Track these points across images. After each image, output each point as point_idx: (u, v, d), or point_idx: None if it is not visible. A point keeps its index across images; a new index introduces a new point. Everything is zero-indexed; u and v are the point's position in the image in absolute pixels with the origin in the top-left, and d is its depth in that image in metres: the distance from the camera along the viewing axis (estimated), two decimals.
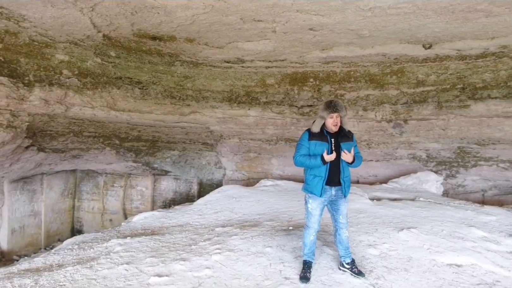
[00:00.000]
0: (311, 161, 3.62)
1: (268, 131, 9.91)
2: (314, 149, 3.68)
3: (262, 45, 7.78)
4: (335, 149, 3.67)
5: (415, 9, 5.83)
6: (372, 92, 8.84)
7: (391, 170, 9.67)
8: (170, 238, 5.28)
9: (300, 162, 3.72)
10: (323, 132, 3.72)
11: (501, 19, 6.12)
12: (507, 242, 4.99)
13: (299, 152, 3.74)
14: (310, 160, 3.63)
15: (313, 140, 3.70)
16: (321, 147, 3.65)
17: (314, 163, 3.61)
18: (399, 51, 7.84)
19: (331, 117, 3.63)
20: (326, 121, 3.66)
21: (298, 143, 3.83)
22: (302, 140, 3.79)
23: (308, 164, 3.66)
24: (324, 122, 3.69)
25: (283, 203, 6.82)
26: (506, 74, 7.68)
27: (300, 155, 3.72)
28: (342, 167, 3.72)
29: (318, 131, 3.70)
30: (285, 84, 9.30)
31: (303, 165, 3.72)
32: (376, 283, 3.69)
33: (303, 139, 3.78)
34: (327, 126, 3.70)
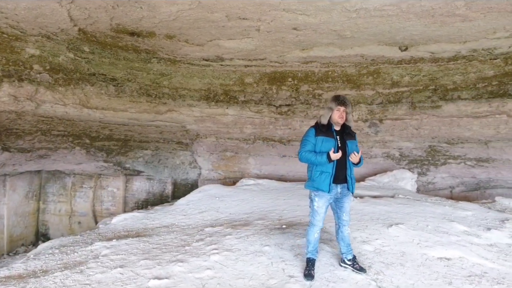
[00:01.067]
0: (317, 158, 3.63)
1: (246, 130, 9.88)
2: (320, 146, 3.68)
3: (244, 43, 7.74)
4: (340, 146, 3.71)
5: (398, 12, 6.02)
6: (349, 92, 9.02)
7: (366, 168, 9.92)
8: (160, 240, 5.13)
9: (306, 158, 3.71)
10: (330, 128, 3.74)
11: (475, 23, 6.44)
12: (487, 235, 5.26)
13: (305, 148, 3.73)
14: (316, 157, 3.64)
15: (320, 136, 3.71)
16: (327, 143, 3.67)
17: (320, 160, 3.62)
18: (376, 52, 8.06)
19: (338, 110, 3.67)
20: (333, 113, 3.69)
21: (303, 139, 3.82)
22: (308, 135, 3.78)
23: (313, 160, 3.66)
24: (331, 115, 3.71)
25: (269, 202, 6.83)
26: (475, 76, 8.09)
27: (306, 151, 3.71)
28: (349, 165, 3.77)
29: (326, 122, 3.72)
30: (264, 83, 9.30)
31: (309, 161, 3.71)
32: (376, 278, 3.77)
33: (309, 135, 3.77)
34: (333, 119, 3.72)
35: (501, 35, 6.89)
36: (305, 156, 3.70)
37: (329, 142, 3.68)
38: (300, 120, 9.43)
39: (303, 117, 9.41)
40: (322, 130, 3.73)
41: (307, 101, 9.29)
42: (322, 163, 3.63)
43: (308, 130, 3.85)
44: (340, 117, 3.70)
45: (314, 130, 3.78)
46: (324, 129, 3.73)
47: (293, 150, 10.07)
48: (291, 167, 10.32)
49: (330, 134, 3.72)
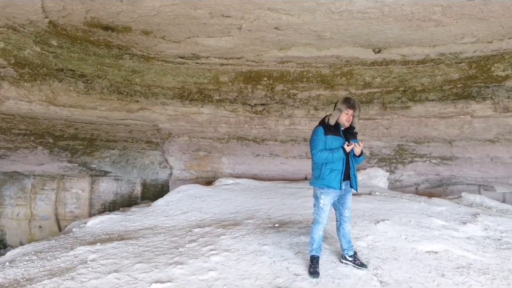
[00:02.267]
0: (334, 155, 3.68)
1: (221, 130, 9.78)
2: (330, 144, 3.74)
3: (224, 41, 7.66)
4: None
5: (380, 15, 6.22)
6: (323, 92, 9.21)
7: None
8: (148, 242, 4.96)
9: (323, 158, 3.72)
10: (338, 127, 3.81)
11: (447, 29, 6.79)
12: (463, 229, 5.56)
13: (318, 147, 3.75)
14: (333, 154, 3.69)
15: (329, 135, 3.77)
16: (336, 141, 3.75)
17: (337, 156, 3.68)
18: (351, 54, 8.27)
19: (346, 112, 3.73)
20: (341, 115, 3.75)
21: (314, 139, 3.83)
22: (318, 135, 3.80)
23: (331, 158, 3.69)
24: (339, 116, 3.77)
25: (253, 201, 6.80)
26: (441, 79, 8.53)
27: (320, 151, 3.73)
28: (352, 163, 3.86)
29: (333, 123, 3.77)
30: (239, 82, 9.26)
31: (326, 159, 3.72)
32: (376, 273, 3.88)
33: (319, 135, 3.80)
34: (340, 120, 3.78)
35: (468, 40, 7.31)
36: (322, 156, 3.72)
37: (338, 140, 3.77)
38: (275, 119, 9.49)
39: (278, 116, 9.47)
40: (331, 129, 3.79)
41: (282, 100, 9.36)
42: (339, 157, 3.70)
43: (316, 130, 3.87)
44: (347, 120, 3.78)
45: (322, 129, 3.81)
46: (332, 128, 3.79)
47: (267, 149, 10.12)
48: (265, 166, 10.36)
49: (338, 134, 3.80)
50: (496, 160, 8.99)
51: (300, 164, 10.22)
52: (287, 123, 9.50)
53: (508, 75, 7.80)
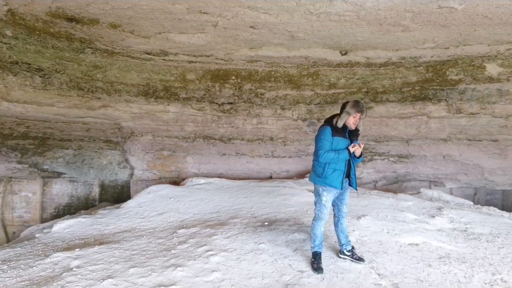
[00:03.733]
0: (340, 155, 3.78)
1: (187, 128, 9.57)
2: (336, 145, 3.85)
3: (196, 38, 7.50)
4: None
5: (355, 18, 6.44)
6: (290, 92, 9.35)
7: (302, 166, 10.38)
8: (133, 245, 4.74)
9: (329, 158, 3.80)
10: (345, 129, 3.90)
11: (412, 34, 7.20)
12: (433, 222, 5.95)
13: (325, 148, 3.82)
14: (338, 155, 3.78)
15: (337, 136, 3.87)
16: (343, 142, 3.87)
17: (342, 157, 3.80)
18: (320, 55, 8.47)
19: (354, 116, 3.84)
20: (349, 118, 3.84)
21: (321, 139, 3.89)
22: (326, 135, 3.87)
23: (336, 158, 3.79)
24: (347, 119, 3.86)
25: (231, 200, 6.74)
26: (401, 81, 9.03)
27: (327, 151, 3.81)
28: (353, 163, 3.99)
29: (341, 125, 3.85)
30: (206, 81, 9.12)
31: (332, 160, 3.81)
32: (372, 267, 4.03)
33: (326, 135, 3.86)
34: (347, 123, 3.88)
35: (428, 45, 7.80)
36: (328, 156, 3.80)
37: (344, 142, 3.90)
38: (243, 118, 9.48)
39: (246, 115, 9.47)
40: (338, 131, 3.89)
41: (250, 99, 9.37)
42: (344, 158, 3.82)
43: (323, 129, 3.94)
44: (354, 123, 3.91)
45: (330, 130, 3.88)
46: (339, 130, 3.89)
47: (233, 149, 10.08)
48: (230, 165, 10.31)
49: (344, 135, 3.91)
50: (448, 158, 9.70)
51: (265, 163, 10.30)
52: (254, 122, 9.53)
53: (461, 79, 8.44)
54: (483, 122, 8.72)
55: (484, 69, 8.16)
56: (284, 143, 10.10)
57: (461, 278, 4.01)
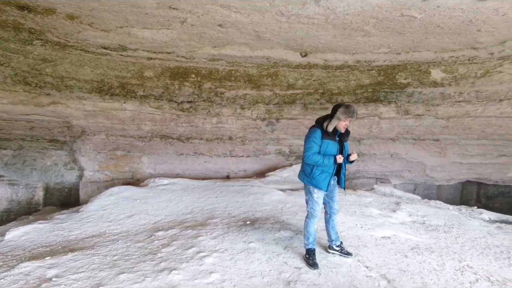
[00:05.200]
0: (325, 161, 3.86)
1: (144, 127, 9.21)
2: (326, 148, 3.91)
3: (161, 34, 7.26)
4: (339, 147, 4.03)
5: (323, 22, 6.65)
6: (250, 92, 9.41)
7: (259, 165, 10.49)
8: (111, 251, 4.49)
9: (315, 161, 3.87)
10: (335, 132, 3.98)
11: (371, 39, 7.61)
12: (395, 216, 6.36)
13: (312, 150, 3.89)
14: (323, 160, 3.85)
15: (326, 139, 3.92)
16: (333, 146, 3.95)
17: (327, 163, 3.86)
18: (281, 56, 8.62)
19: (345, 121, 3.91)
20: (340, 122, 3.92)
21: (310, 141, 3.93)
22: (315, 138, 3.91)
23: (321, 163, 3.87)
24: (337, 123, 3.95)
25: (202, 200, 6.61)
26: (355, 83, 9.50)
27: (314, 154, 3.88)
28: (343, 164, 4.11)
29: (331, 130, 3.93)
30: (165, 78, 8.85)
31: (317, 163, 3.88)
32: (359, 260, 4.23)
33: (316, 137, 3.91)
34: (338, 127, 3.95)
35: (383, 50, 8.30)
36: (314, 159, 3.87)
37: (333, 145, 3.97)
38: (203, 117, 9.35)
39: (206, 114, 9.35)
40: (329, 134, 3.95)
41: (210, 98, 9.27)
42: (329, 165, 3.88)
43: (313, 131, 3.98)
44: (344, 127, 3.99)
45: (320, 133, 3.94)
46: (330, 133, 3.95)
47: (191, 148, 9.90)
48: (188, 165, 10.11)
49: (334, 139, 3.99)
50: (395, 156, 10.39)
51: (223, 163, 10.26)
52: (214, 121, 9.45)
53: (409, 83, 9.09)
54: (427, 123, 9.47)
55: (429, 74, 8.86)
56: (243, 143, 10.14)
57: (435, 266, 4.34)
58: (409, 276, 3.97)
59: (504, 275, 4.26)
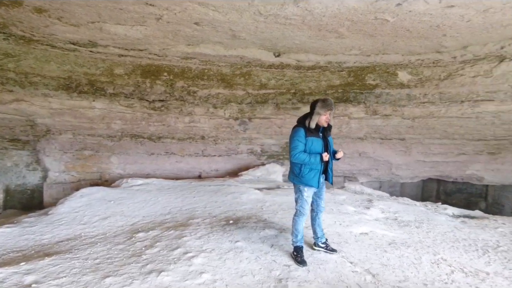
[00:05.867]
0: (311, 159, 3.91)
1: (114, 126, 8.92)
2: (311, 146, 3.97)
3: (134, 31, 7.07)
4: (323, 142, 4.09)
5: (300, 23, 6.74)
6: (223, 91, 9.37)
7: (231, 164, 10.47)
8: (91, 254, 4.33)
9: (301, 159, 3.92)
10: (318, 128, 4.05)
11: (344, 41, 7.80)
12: (370, 213, 6.57)
13: (298, 148, 3.93)
14: (310, 158, 3.91)
15: (310, 136, 3.99)
16: (317, 143, 4.01)
17: (313, 161, 3.92)
18: (255, 56, 8.65)
19: (325, 114, 3.99)
20: (320, 117, 4.00)
21: (294, 140, 3.98)
22: (300, 137, 3.97)
23: (308, 161, 3.92)
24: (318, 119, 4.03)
25: (178, 201, 6.50)
26: (325, 84, 9.70)
27: (300, 152, 3.93)
28: (330, 158, 4.18)
29: (314, 126, 3.99)
30: (136, 76, 8.63)
31: (303, 161, 3.93)
32: (343, 256, 4.34)
33: (300, 136, 3.97)
34: (319, 122, 4.03)
35: (354, 52, 8.54)
36: (301, 157, 3.93)
37: (318, 142, 4.04)
38: (175, 116, 9.20)
39: (178, 113, 9.21)
40: (312, 131, 4.01)
41: (182, 97, 9.14)
42: (315, 163, 3.94)
43: (297, 130, 4.04)
44: (326, 121, 4.07)
45: (304, 131, 4.00)
46: (313, 130, 4.02)
47: (163, 148, 9.71)
48: (159, 165, 9.92)
49: (318, 135, 4.06)
50: (363, 155, 10.72)
51: (195, 162, 10.15)
52: (187, 120, 9.33)
53: (377, 84, 9.41)
54: (394, 123, 9.85)
55: (397, 76, 9.21)
56: (215, 142, 10.08)
57: (413, 260, 4.53)
58: (391, 270, 4.12)
59: (476, 266, 4.52)
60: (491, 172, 10.73)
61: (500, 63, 7.93)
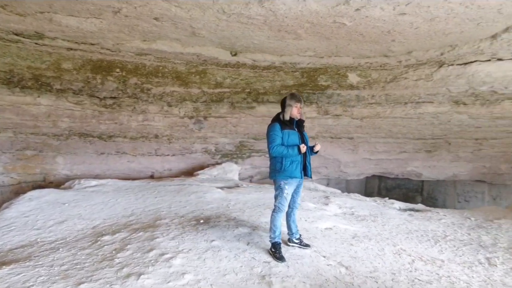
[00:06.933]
0: (289, 151, 4.00)
1: (61, 124, 8.35)
2: (287, 138, 4.07)
3: (89, 24, 6.69)
4: (300, 136, 4.23)
5: (261, 23, 6.81)
6: (177, 89, 9.19)
7: (185, 163, 10.29)
8: (56, 260, 4.05)
9: (279, 152, 4.00)
10: (292, 121, 4.16)
11: (301, 42, 8.01)
12: (329, 209, 6.84)
13: (276, 142, 4.01)
14: (288, 150, 4.00)
15: (286, 129, 4.11)
16: (293, 136, 4.13)
17: (292, 153, 4.01)
18: (212, 54, 8.59)
19: (296, 106, 4.16)
20: (292, 109, 4.13)
21: (271, 134, 4.06)
22: (276, 131, 4.06)
23: (286, 153, 4.01)
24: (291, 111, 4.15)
25: (140, 201, 6.25)
26: (279, 84, 9.90)
27: (278, 145, 4.01)
28: (308, 154, 4.30)
29: (288, 118, 4.11)
30: (86, 71, 8.17)
31: (281, 154, 4.02)
32: (315, 250, 4.48)
33: (276, 130, 4.06)
34: (292, 114, 4.19)
35: (309, 54, 8.80)
36: (278, 150, 4.01)
37: (294, 134, 4.16)
38: (128, 114, 8.85)
39: (131, 111, 8.87)
40: (286, 124, 4.13)
41: (135, 95, 8.82)
42: (294, 155, 4.04)
43: (273, 125, 4.15)
44: (298, 113, 4.22)
45: (279, 125, 4.10)
46: (287, 123, 4.14)
47: (114, 147, 9.29)
48: (109, 165, 9.47)
49: (292, 127, 4.18)
50: None
51: (148, 162, 9.85)
52: (140, 119, 9.01)
53: (329, 85, 9.79)
54: (344, 123, 10.31)
55: (347, 77, 9.66)
56: (170, 141, 9.84)
57: (377, 251, 4.80)
58: (361, 262, 4.34)
59: (431, 255, 4.90)
60: (428, 169, 11.64)
61: (439, 68, 8.62)
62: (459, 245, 5.33)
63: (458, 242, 5.46)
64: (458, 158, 11.35)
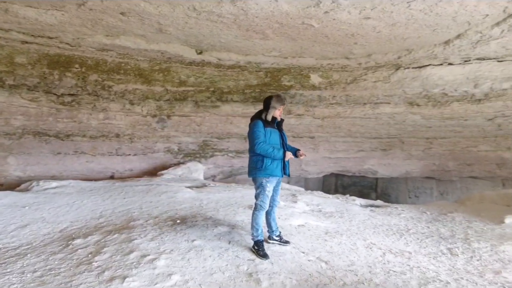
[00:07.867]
0: (274, 153, 4.08)
1: (14, 122, 7.80)
2: (269, 136, 4.17)
3: (49, 16, 6.32)
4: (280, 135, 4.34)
5: (231, 22, 6.80)
6: (140, 86, 8.93)
7: (146, 163, 10.02)
8: (25, 266, 3.82)
9: (264, 150, 4.04)
10: (273, 120, 4.27)
11: (268, 42, 8.10)
12: (297, 206, 6.99)
13: (260, 138, 4.07)
14: (273, 152, 4.08)
15: (268, 127, 4.23)
16: (274, 134, 4.27)
17: (277, 155, 4.11)
18: (177, 52, 8.44)
19: (279, 109, 4.32)
20: (275, 111, 4.29)
21: (255, 131, 4.12)
22: (259, 128, 4.13)
23: (270, 153, 4.07)
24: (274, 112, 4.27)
25: (108, 202, 5.99)
26: (243, 83, 9.93)
27: (263, 142, 4.07)
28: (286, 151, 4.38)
29: (270, 119, 4.25)
30: (42, 67, 7.71)
31: (266, 152, 4.06)
32: (294, 247, 4.58)
33: (259, 127, 4.13)
34: (275, 115, 4.35)
35: (274, 54, 8.91)
36: (263, 147, 4.06)
37: (275, 133, 4.29)
38: (88, 112, 8.46)
39: (91, 109, 8.49)
40: (269, 123, 4.22)
41: (96, 92, 8.46)
42: (277, 158, 4.13)
43: (256, 123, 4.22)
44: (280, 115, 4.39)
45: (261, 123, 4.17)
46: (270, 122, 4.23)
47: (72, 147, 8.84)
48: (66, 166, 9.00)
49: (274, 126, 4.28)
50: None
51: (108, 162, 9.48)
52: (101, 117, 8.65)
53: (292, 85, 9.98)
54: (306, 122, 10.55)
55: (309, 78, 9.90)
56: (131, 140, 9.54)
57: (351, 246, 4.99)
58: (337, 256, 4.49)
59: (399, 248, 5.16)
60: (383, 167, 12.23)
61: (396, 71, 9.07)
62: (422, 238, 5.65)
63: (421, 235, 5.79)
64: (410, 156, 12.03)
